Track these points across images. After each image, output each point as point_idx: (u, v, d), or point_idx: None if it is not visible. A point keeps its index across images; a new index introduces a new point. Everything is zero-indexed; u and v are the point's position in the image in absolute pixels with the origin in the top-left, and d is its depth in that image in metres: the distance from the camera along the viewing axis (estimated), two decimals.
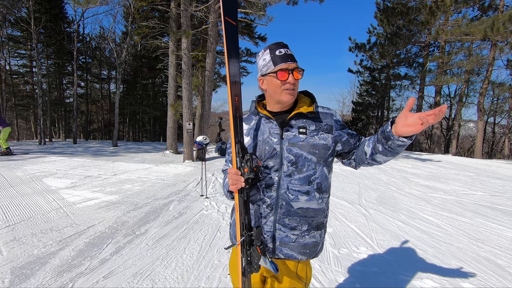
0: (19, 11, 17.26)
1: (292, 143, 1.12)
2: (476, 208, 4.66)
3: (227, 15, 1.11)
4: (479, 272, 2.57)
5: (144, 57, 23.50)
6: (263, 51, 1.16)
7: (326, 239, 3.24)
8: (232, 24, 1.14)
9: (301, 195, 1.12)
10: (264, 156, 1.14)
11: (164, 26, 11.67)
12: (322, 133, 1.15)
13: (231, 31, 1.14)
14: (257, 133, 1.18)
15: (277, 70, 1.09)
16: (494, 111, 19.96)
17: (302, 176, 1.12)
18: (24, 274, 2.31)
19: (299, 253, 1.15)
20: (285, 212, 1.12)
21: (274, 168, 1.13)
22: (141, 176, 6.54)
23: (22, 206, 4.04)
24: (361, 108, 24.73)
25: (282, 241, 1.14)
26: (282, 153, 1.12)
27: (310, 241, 1.16)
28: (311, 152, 1.12)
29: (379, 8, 18.27)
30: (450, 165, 9.85)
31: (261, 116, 1.20)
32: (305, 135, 1.13)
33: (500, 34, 12.01)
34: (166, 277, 2.36)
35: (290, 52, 1.12)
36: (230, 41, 1.13)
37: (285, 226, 1.13)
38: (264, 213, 1.15)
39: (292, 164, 1.11)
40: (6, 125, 9.10)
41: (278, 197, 1.12)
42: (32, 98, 22.05)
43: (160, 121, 28.08)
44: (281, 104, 1.16)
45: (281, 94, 1.12)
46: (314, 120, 1.16)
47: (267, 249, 1.15)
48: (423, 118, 0.91)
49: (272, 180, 1.13)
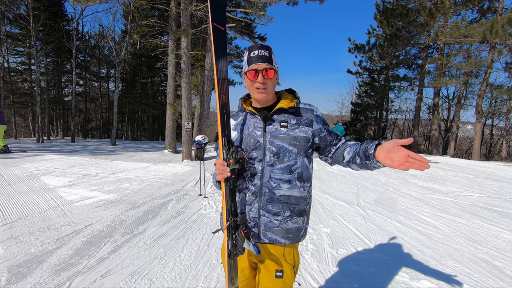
0: (18, 8, 17.17)
1: (274, 136, 1.22)
2: (474, 210, 4.67)
3: (215, 21, 1.20)
4: (476, 273, 2.58)
5: (144, 55, 23.46)
6: (245, 52, 1.26)
7: (324, 238, 3.25)
8: (220, 29, 1.23)
9: (283, 183, 1.21)
10: (249, 148, 1.23)
11: (163, 25, 11.65)
12: (302, 126, 1.24)
13: (219, 35, 1.22)
14: (243, 128, 1.27)
15: (248, 70, 1.20)
16: (492, 113, 20.01)
17: (283, 166, 1.21)
18: (21, 273, 2.30)
19: (282, 237, 1.24)
20: (268, 199, 1.22)
21: (258, 159, 1.22)
22: (139, 175, 6.52)
23: (20, 204, 4.03)
24: (360, 109, 24.77)
25: (266, 226, 1.23)
26: (265, 145, 1.22)
27: (292, 226, 1.25)
28: (292, 144, 1.21)
29: (379, 9, 18.30)
30: (448, 167, 9.88)
31: (246, 112, 1.30)
32: (286, 128, 1.22)
33: (499, 37, 12.05)
34: (164, 276, 2.36)
35: (263, 54, 1.19)
36: (218, 44, 1.22)
37: (269, 212, 1.22)
38: (249, 201, 1.24)
39: (274, 154, 1.21)
40: (3, 123, 9.02)
41: (262, 185, 1.22)
42: (30, 96, 21.94)
43: (159, 120, 28.03)
44: (256, 101, 1.27)
45: (253, 92, 1.23)
46: (295, 114, 1.25)
47: (253, 234, 1.24)
48: (406, 163, 0.95)
49: (256, 169, 1.22)
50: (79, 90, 24.92)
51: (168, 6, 11.36)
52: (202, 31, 11.43)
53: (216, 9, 1.20)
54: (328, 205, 4.69)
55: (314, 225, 3.68)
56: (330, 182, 6.56)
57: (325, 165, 9.32)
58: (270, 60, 1.20)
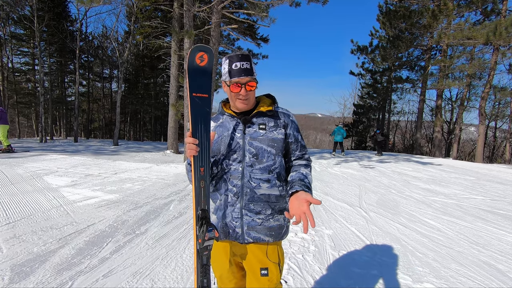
0: (23, 9, 17.32)
1: (253, 138, 1.27)
2: (477, 212, 4.64)
3: (193, 92, 1.19)
4: (480, 276, 2.56)
5: (146, 56, 23.54)
6: (224, 59, 1.27)
7: (326, 240, 3.24)
8: (200, 97, 1.22)
9: (263, 183, 1.26)
10: (229, 149, 1.28)
11: (166, 26, 11.71)
12: (280, 128, 1.30)
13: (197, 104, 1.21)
14: (222, 129, 1.32)
15: (232, 83, 1.23)
16: (496, 115, 19.91)
17: (262, 166, 1.26)
18: (24, 272, 2.31)
19: (265, 235, 1.28)
20: (249, 199, 1.26)
21: (238, 160, 1.27)
22: (142, 176, 6.54)
23: (23, 204, 4.05)
24: (362, 111, 24.72)
25: (250, 225, 1.27)
26: (244, 146, 1.27)
27: (275, 224, 1.30)
28: (270, 145, 1.27)
29: (382, 11, 18.29)
30: (451, 169, 9.84)
31: (226, 115, 1.34)
32: (265, 130, 1.28)
33: (502, 39, 12.00)
34: (166, 276, 2.36)
35: (245, 66, 1.22)
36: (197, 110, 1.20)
37: (251, 211, 1.27)
38: (231, 201, 1.28)
39: (253, 155, 1.26)
40: (5, 122, 9.05)
41: (243, 185, 1.26)
42: (34, 96, 22.10)
43: (161, 120, 28.10)
44: (237, 109, 1.30)
45: (236, 102, 1.27)
46: (273, 117, 1.31)
47: (236, 234, 1.28)
48: (299, 216, 1.04)
49: (236, 171, 1.27)
50: (82, 90, 25.08)
51: (171, 7, 11.41)
52: (205, 32, 11.47)
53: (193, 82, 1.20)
54: (330, 207, 4.67)
55: (316, 226, 3.67)
56: (332, 184, 6.54)
57: (327, 167, 9.31)
58: (251, 72, 1.23)
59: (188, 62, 1.18)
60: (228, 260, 1.35)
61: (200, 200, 1.19)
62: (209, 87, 1.23)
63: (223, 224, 1.29)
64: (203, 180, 1.18)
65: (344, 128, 13.63)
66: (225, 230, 1.29)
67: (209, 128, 1.20)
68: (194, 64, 1.19)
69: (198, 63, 1.19)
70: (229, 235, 1.29)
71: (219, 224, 1.30)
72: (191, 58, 1.18)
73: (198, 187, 1.17)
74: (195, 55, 1.18)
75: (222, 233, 1.30)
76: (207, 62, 1.20)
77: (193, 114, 1.18)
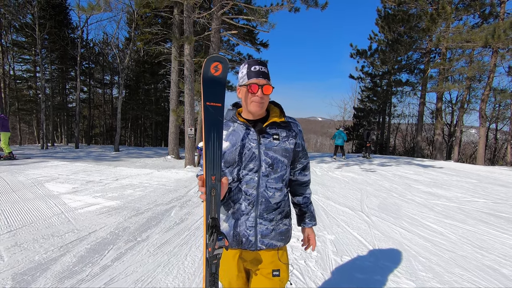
0: (24, 17, 17.51)
1: (268, 148, 1.29)
2: (479, 216, 4.62)
3: (207, 101, 1.21)
4: (484, 281, 2.54)
5: (147, 62, 23.68)
6: (243, 65, 1.31)
7: (328, 245, 3.22)
8: (214, 106, 1.23)
9: (277, 192, 1.31)
10: (245, 159, 1.28)
11: (167, 32, 11.81)
12: (291, 139, 1.35)
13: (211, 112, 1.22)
14: (235, 138, 1.31)
15: (249, 83, 1.25)
16: (496, 117, 19.92)
17: (277, 176, 1.31)
18: (25, 280, 2.30)
19: (278, 240, 1.34)
20: (264, 208, 1.30)
21: (254, 170, 1.28)
22: (143, 182, 6.54)
23: (24, 211, 4.05)
24: (363, 114, 24.76)
25: (263, 234, 1.31)
26: (260, 156, 1.28)
27: (283, 228, 1.36)
28: (283, 155, 1.32)
29: (380, 15, 18.40)
30: (452, 172, 9.80)
31: (238, 123, 1.33)
32: (278, 141, 1.31)
33: (501, 41, 12.05)
34: (168, 284, 2.34)
35: (264, 70, 1.26)
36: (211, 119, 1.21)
37: (265, 220, 1.30)
38: (246, 210, 1.29)
39: (269, 165, 1.29)
40: (7, 130, 9.08)
41: (258, 195, 1.28)
42: (35, 102, 22.20)
43: (162, 126, 28.16)
44: (251, 113, 1.31)
45: (250, 104, 1.27)
46: (285, 128, 1.35)
47: (249, 242, 1.30)
48: (305, 244, 1.50)
49: (252, 180, 1.28)
50: (83, 96, 25.21)
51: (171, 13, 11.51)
52: (205, 38, 11.55)
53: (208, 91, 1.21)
54: (332, 211, 4.66)
55: (317, 231, 3.65)
56: (334, 188, 6.52)
57: (328, 171, 9.29)
58: (268, 76, 1.27)
59: (203, 71, 1.19)
60: (236, 267, 1.36)
61: (211, 208, 1.18)
62: (222, 97, 1.23)
63: (236, 232, 1.30)
64: (214, 188, 1.18)
65: (344, 132, 13.67)
66: (237, 239, 1.30)
67: (221, 136, 1.21)
68: (209, 74, 1.19)
69: (213, 72, 1.20)
70: (242, 243, 1.30)
71: (231, 233, 1.31)
72: (206, 68, 1.19)
73: (209, 195, 1.17)
74: (210, 65, 1.18)
75: (234, 241, 1.30)
76: (222, 72, 1.21)
77: (206, 122, 1.18)
